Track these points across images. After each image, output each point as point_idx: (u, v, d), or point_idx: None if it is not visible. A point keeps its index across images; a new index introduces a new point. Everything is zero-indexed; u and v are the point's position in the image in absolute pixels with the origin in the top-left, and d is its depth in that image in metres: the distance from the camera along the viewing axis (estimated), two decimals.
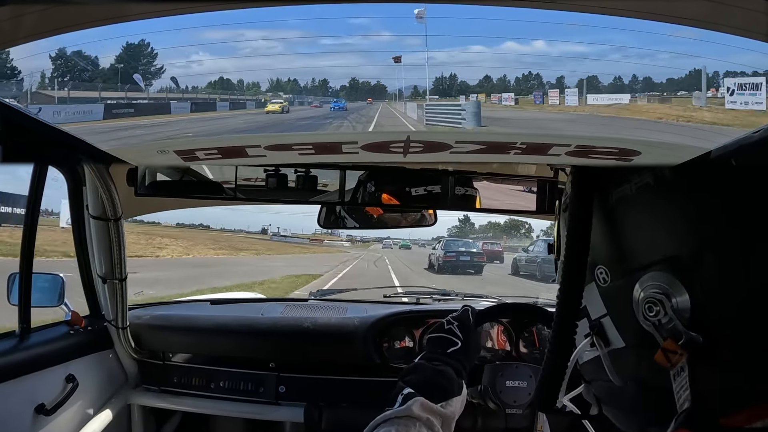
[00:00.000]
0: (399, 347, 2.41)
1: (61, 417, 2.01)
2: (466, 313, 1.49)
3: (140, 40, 4.37)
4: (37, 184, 1.95)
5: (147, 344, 2.46)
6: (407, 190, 1.91)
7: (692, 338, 0.69)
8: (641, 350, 0.77)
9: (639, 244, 0.78)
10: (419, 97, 6.08)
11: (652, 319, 0.73)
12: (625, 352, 0.81)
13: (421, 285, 3.69)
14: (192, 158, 1.55)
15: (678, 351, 0.70)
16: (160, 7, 0.83)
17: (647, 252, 0.76)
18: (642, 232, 0.77)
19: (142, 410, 2.48)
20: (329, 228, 2.33)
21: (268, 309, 2.67)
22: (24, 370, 1.86)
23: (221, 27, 4.07)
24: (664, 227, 0.75)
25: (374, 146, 1.42)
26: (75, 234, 2.23)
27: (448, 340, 1.36)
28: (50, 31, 0.84)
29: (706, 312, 0.70)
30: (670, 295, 0.72)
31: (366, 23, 3.35)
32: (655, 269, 0.74)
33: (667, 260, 0.73)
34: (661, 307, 0.72)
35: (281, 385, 2.37)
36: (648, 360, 0.74)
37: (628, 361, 0.81)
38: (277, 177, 1.94)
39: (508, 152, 1.32)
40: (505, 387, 1.87)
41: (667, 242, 0.74)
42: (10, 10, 0.75)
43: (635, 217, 0.78)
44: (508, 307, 1.99)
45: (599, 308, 0.84)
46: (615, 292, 0.81)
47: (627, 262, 0.79)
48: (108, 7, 0.81)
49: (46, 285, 2.11)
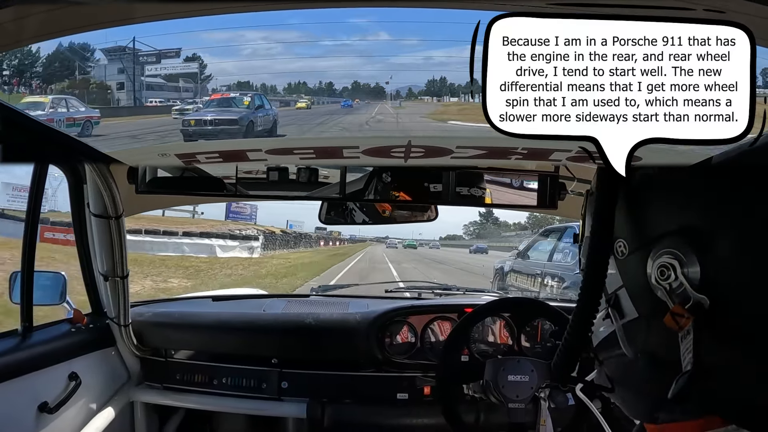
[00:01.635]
0: (401, 342, 2.41)
1: (64, 415, 2.01)
2: None
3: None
4: (38, 183, 1.94)
5: (149, 341, 2.45)
6: (408, 186, 1.90)
7: (699, 300, 0.71)
8: (653, 320, 0.78)
9: (658, 216, 0.78)
10: (414, 98, 6.15)
11: (664, 283, 0.74)
12: (638, 322, 0.82)
13: (424, 280, 3.69)
14: (193, 161, 1.54)
15: (685, 314, 0.71)
16: (164, 9, 0.83)
17: (665, 222, 0.77)
18: (661, 206, 0.78)
19: (145, 407, 2.48)
20: (329, 224, 2.32)
21: (269, 305, 2.67)
22: (26, 368, 1.85)
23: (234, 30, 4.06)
24: (682, 203, 0.75)
25: (375, 151, 1.42)
26: (76, 232, 2.22)
27: None
28: (54, 33, 0.84)
29: (715, 282, 0.71)
30: (682, 262, 0.73)
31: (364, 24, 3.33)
32: (670, 238, 0.75)
33: (683, 230, 0.74)
34: (672, 271, 0.73)
35: (284, 381, 2.37)
36: (658, 329, 0.75)
37: (641, 332, 0.82)
38: (278, 170, 1.94)
39: (509, 157, 1.32)
40: (508, 381, 1.88)
41: (685, 216, 0.75)
42: (14, 11, 0.74)
43: (655, 192, 0.79)
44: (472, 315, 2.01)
45: (616, 281, 0.85)
46: (632, 263, 0.82)
47: (645, 233, 0.80)
48: (111, 9, 0.80)
49: (47, 283, 2.11)
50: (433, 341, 2.41)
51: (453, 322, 2.41)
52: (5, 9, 0.74)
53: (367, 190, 1.95)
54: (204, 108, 2.00)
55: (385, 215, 2.20)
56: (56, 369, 2.00)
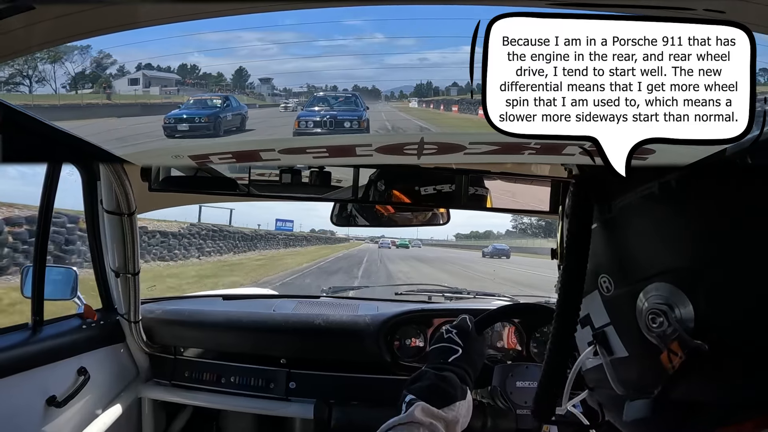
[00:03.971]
0: (410, 346, 2.41)
1: (72, 409, 2.03)
2: (464, 320, 1.51)
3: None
4: (51, 179, 1.97)
5: (159, 338, 2.47)
6: (418, 189, 1.90)
7: (698, 346, 0.68)
8: (644, 360, 0.76)
9: (642, 254, 0.77)
10: (404, 99, 6.29)
11: (657, 330, 0.72)
12: (628, 361, 0.80)
13: (433, 283, 3.67)
14: (206, 162, 1.55)
15: (679, 354, 0.69)
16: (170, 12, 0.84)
17: (650, 262, 0.75)
18: (645, 242, 0.76)
19: (153, 404, 2.50)
20: (342, 225, 2.33)
21: (280, 305, 2.67)
22: (36, 362, 1.87)
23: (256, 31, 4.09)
24: (667, 238, 0.74)
25: (388, 148, 1.42)
26: (89, 228, 2.25)
27: (448, 349, 1.39)
28: (62, 39, 0.85)
29: (710, 323, 0.69)
30: (673, 306, 0.71)
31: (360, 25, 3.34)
32: (658, 280, 0.73)
33: (670, 272, 0.72)
34: (664, 318, 0.71)
35: (292, 382, 2.38)
36: (651, 370, 0.73)
37: (631, 371, 0.80)
38: (291, 172, 1.95)
39: (523, 152, 1.31)
40: (516, 387, 1.86)
41: (670, 253, 0.73)
42: (25, 17, 0.75)
43: (639, 226, 0.77)
44: (508, 309, 1.97)
45: (602, 317, 0.83)
46: (618, 301, 0.80)
47: (630, 272, 0.78)
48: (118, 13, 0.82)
49: (59, 278, 2.13)
50: None
51: None
52: (17, 16, 0.75)
53: (379, 193, 1.95)
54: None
55: (396, 218, 2.20)
56: (65, 363, 2.02)
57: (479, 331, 1.52)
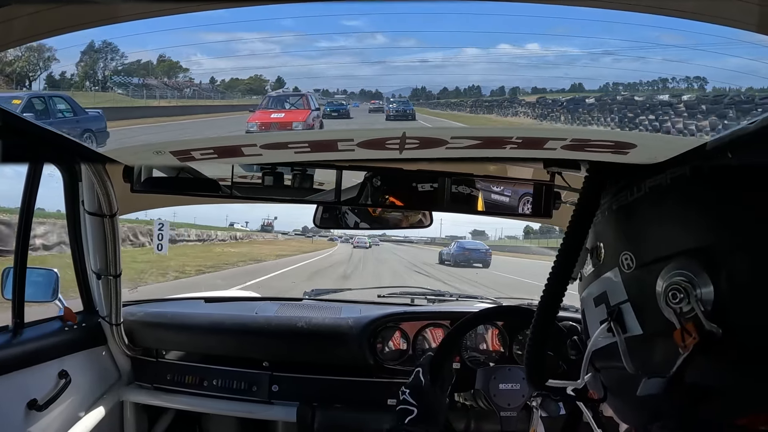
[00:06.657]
0: (393, 348, 2.41)
1: (53, 413, 2.00)
2: (416, 376, 1.52)
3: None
4: (33, 180, 1.94)
5: (140, 341, 2.45)
6: (402, 192, 1.90)
7: (712, 330, 0.70)
8: (658, 338, 0.77)
9: (669, 233, 0.78)
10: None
11: (674, 306, 0.73)
12: (642, 339, 0.82)
13: (416, 286, 3.68)
14: (188, 158, 1.54)
15: (693, 334, 0.70)
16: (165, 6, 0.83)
17: (676, 241, 0.76)
18: (673, 222, 0.78)
19: (135, 407, 2.48)
20: (325, 227, 2.32)
21: (262, 308, 2.66)
22: (17, 365, 1.85)
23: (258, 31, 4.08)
24: (696, 218, 0.75)
25: (370, 143, 1.42)
26: (70, 230, 2.22)
27: (404, 410, 1.41)
28: (41, 35, 0.84)
29: (729, 308, 0.70)
30: (695, 285, 0.72)
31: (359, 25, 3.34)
32: (683, 258, 0.74)
33: (697, 251, 0.73)
34: (685, 294, 0.72)
35: (274, 385, 2.37)
36: (664, 349, 0.74)
37: (644, 349, 0.82)
38: (273, 175, 1.94)
39: (504, 147, 1.32)
40: (499, 390, 1.87)
41: (699, 233, 0.74)
42: (3, 12, 0.74)
43: (667, 206, 0.79)
44: (461, 327, 1.95)
45: (620, 294, 0.84)
46: (639, 278, 0.81)
47: (655, 250, 0.79)
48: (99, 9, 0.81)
49: (40, 279, 2.10)
50: (425, 348, 2.40)
51: (445, 329, 2.41)
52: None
53: (361, 196, 1.95)
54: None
55: (377, 219, 2.20)
56: (46, 366, 1.99)
57: (434, 379, 1.52)
